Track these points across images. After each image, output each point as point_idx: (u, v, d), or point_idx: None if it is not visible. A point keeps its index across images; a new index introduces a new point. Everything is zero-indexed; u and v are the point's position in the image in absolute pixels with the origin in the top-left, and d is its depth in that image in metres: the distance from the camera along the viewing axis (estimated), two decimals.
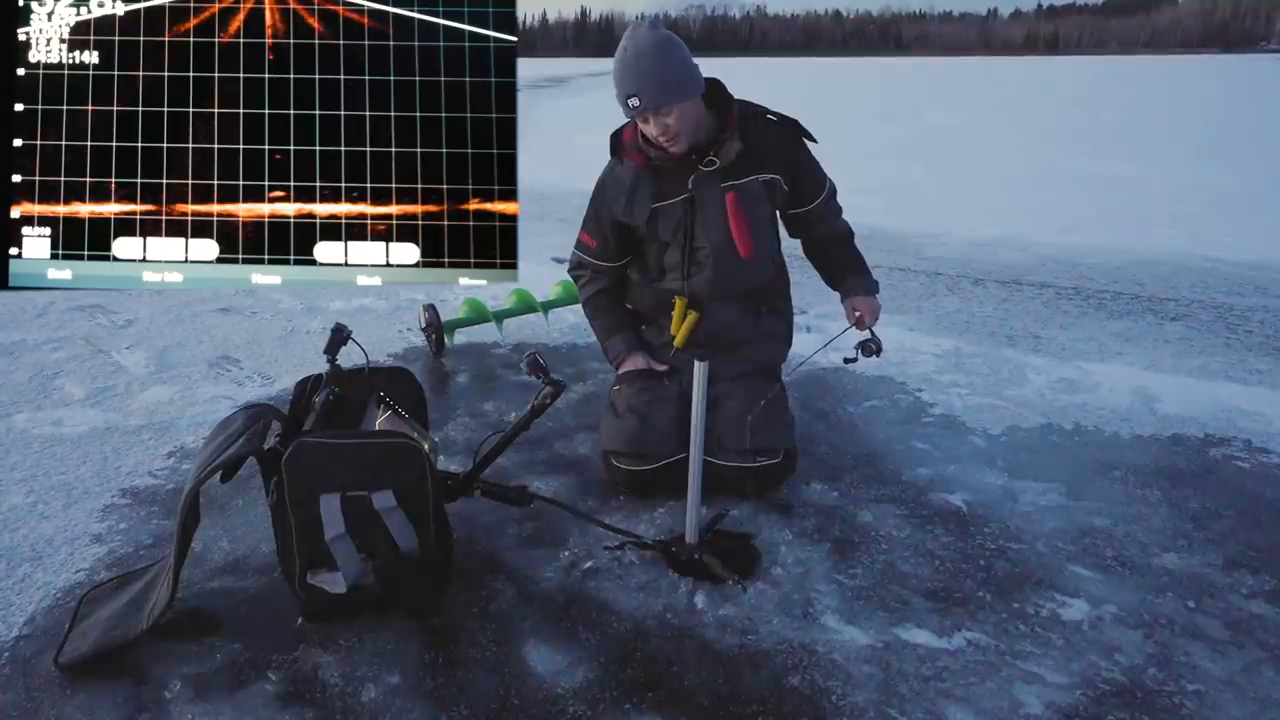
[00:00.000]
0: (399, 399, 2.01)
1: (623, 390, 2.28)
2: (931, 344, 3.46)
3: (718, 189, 2.15)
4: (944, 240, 5.53)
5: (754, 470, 2.16)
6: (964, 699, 1.54)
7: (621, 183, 2.22)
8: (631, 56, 2.01)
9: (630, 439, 2.17)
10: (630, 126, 2.20)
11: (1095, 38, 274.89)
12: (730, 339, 2.29)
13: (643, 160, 2.17)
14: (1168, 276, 4.58)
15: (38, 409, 2.79)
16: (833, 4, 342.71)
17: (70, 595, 1.81)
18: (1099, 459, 2.45)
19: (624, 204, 2.21)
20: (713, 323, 2.27)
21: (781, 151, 2.22)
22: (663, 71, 2.01)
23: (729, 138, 2.12)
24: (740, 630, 1.72)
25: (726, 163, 2.13)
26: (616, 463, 2.20)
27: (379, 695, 1.54)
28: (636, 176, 2.19)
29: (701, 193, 2.16)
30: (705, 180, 2.15)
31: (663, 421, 2.17)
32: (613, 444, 2.20)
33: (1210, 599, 1.81)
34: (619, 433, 2.19)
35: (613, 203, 2.24)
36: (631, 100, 2.01)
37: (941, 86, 29.30)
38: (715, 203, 2.16)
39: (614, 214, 2.24)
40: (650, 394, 2.23)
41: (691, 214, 2.19)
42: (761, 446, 2.15)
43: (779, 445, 2.18)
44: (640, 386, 2.25)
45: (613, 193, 2.24)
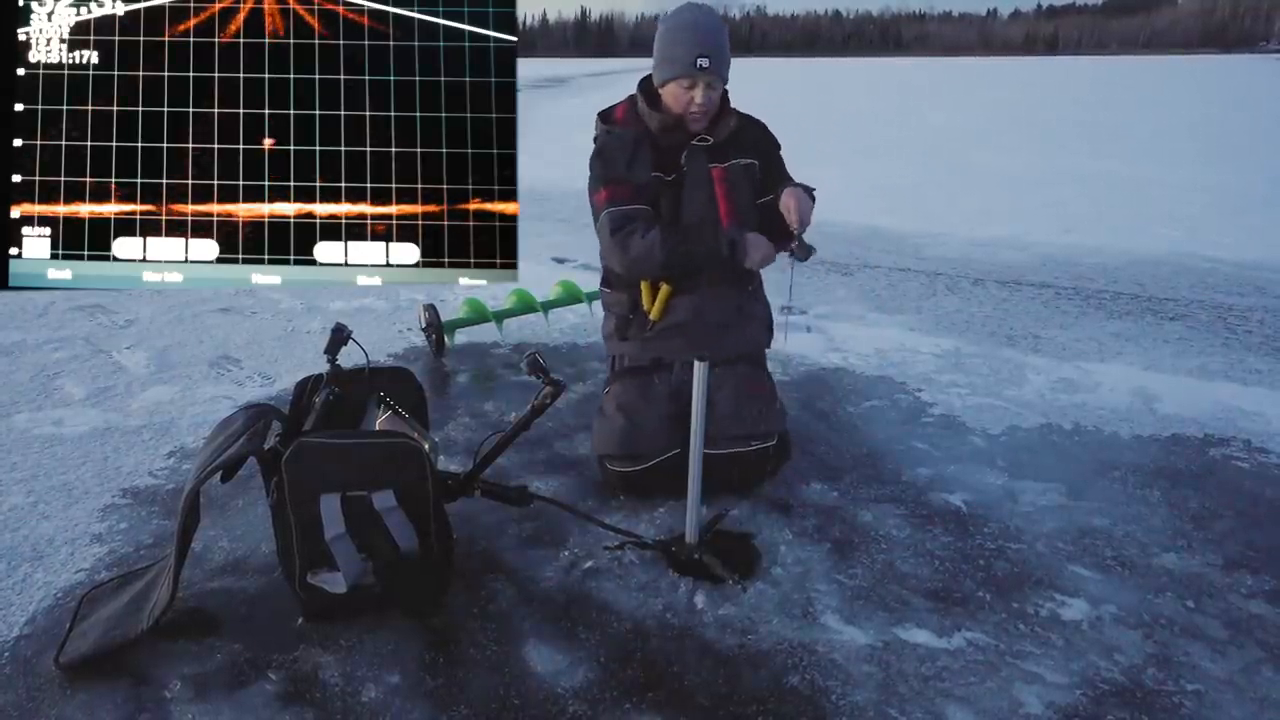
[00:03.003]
0: (399, 399, 2.01)
1: (611, 391, 2.28)
2: (931, 344, 3.46)
3: (705, 166, 2.21)
4: (944, 240, 5.53)
5: (749, 455, 2.17)
6: (964, 699, 1.54)
7: (624, 141, 2.21)
8: (705, 24, 2.13)
9: (620, 440, 2.17)
10: (623, 105, 2.27)
11: (1095, 38, 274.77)
12: (716, 318, 2.25)
13: (642, 128, 2.22)
14: (1167, 276, 4.58)
15: (38, 409, 2.79)
16: (833, 4, 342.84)
17: (70, 595, 1.81)
18: (1099, 459, 2.45)
19: (625, 163, 2.19)
20: (699, 300, 2.24)
21: (760, 141, 2.31)
22: (726, 46, 2.15)
23: (726, 117, 2.23)
24: (740, 630, 1.72)
25: (718, 141, 2.22)
26: (609, 465, 2.20)
27: (379, 695, 1.54)
28: (636, 140, 2.21)
29: (692, 167, 2.21)
30: (695, 155, 2.21)
31: (651, 420, 2.17)
32: (603, 447, 2.21)
33: (1210, 599, 1.82)
34: (609, 435, 2.19)
35: (618, 158, 2.20)
36: (701, 60, 2.08)
37: (941, 86, 29.30)
38: (703, 178, 2.21)
39: (619, 170, 2.20)
40: (638, 393, 2.23)
41: (679, 189, 2.21)
42: (755, 431, 2.17)
43: (773, 429, 2.21)
44: (628, 385, 2.25)
45: (616, 149, 2.21)
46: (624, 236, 2.13)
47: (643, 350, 2.29)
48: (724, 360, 2.21)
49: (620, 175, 2.17)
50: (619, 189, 2.16)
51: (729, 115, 2.24)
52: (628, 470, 2.17)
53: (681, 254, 2.11)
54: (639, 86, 2.27)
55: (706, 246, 2.12)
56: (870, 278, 4.62)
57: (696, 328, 2.23)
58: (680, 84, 2.13)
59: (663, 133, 2.20)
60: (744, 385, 2.22)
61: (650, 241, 2.10)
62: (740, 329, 2.31)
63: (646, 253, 2.11)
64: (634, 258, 2.13)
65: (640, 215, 2.15)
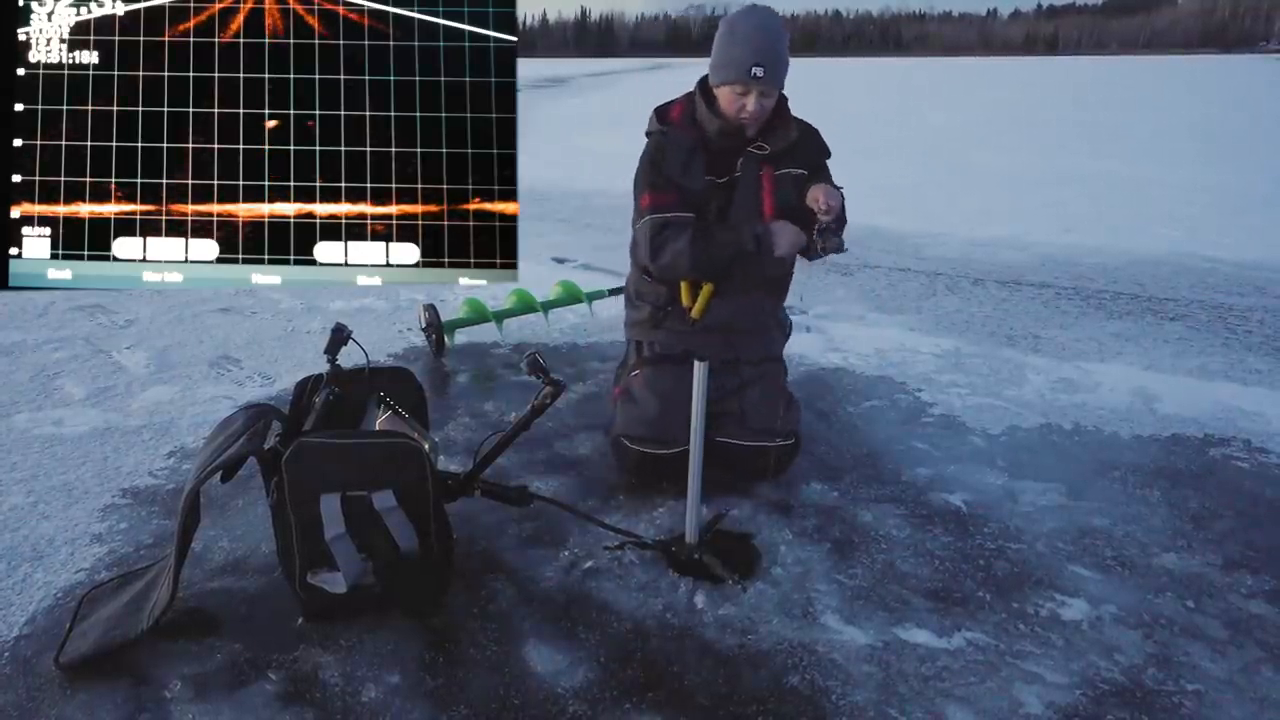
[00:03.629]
0: (399, 399, 2.01)
1: (641, 375, 2.29)
2: (931, 344, 3.46)
3: (758, 174, 2.20)
4: (944, 240, 5.53)
5: (775, 450, 2.23)
6: (964, 699, 1.54)
7: (680, 146, 2.19)
8: (764, 30, 2.08)
9: (653, 422, 2.19)
10: (680, 103, 2.25)
11: (1095, 38, 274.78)
12: (751, 322, 2.32)
13: (696, 134, 2.20)
14: (1167, 276, 4.58)
15: (38, 409, 2.79)
16: (833, 4, 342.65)
17: (70, 595, 1.81)
18: (1099, 459, 2.45)
19: (680, 167, 2.18)
20: (737, 304, 2.27)
21: (812, 152, 2.28)
22: (784, 53, 2.11)
23: (783, 127, 2.20)
24: (740, 630, 1.72)
25: (776, 150, 2.19)
26: (631, 445, 2.21)
27: (379, 695, 1.54)
28: (692, 146, 2.19)
29: (745, 173, 2.20)
30: (750, 162, 2.20)
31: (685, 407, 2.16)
32: (632, 429, 2.21)
33: (1210, 599, 1.82)
34: (640, 417, 2.21)
35: (672, 163, 2.18)
36: (757, 69, 2.06)
37: (941, 86, 29.30)
38: (754, 185, 2.20)
39: (672, 174, 2.19)
40: (673, 379, 2.22)
41: (730, 193, 2.21)
42: (784, 428, 2.24)
43: (793, 427, 2.29)
44: (662, 371, 2.27)
45: (672, 155, 2.19)
46: (660, 243, 2.16)
47: (676, 341, 2.31)
48: (750, 361, 2.30)
49: (668, 181, 2.17)
50: (665, 195, 2.17)
51: (789, 125, 2.21)
52: (656, 453, 2.19)
53: (707, 258, 2.13)
54: (698, 85, 2.24)
55: (732, 244, 2.13)
56: (870, 278, 4.62)
57: (730, 329, 2.28)
58: (734, 89, 2.11)
59: (721, 138, 2.19)
60: (772, 384, 2.30)
61: (681, 246, 2.13)
62: (769, 333, 2.38)
63: (676, 258, 2.15)
64: (665, 264, 2.17)
65: (679, 223, 2.16)
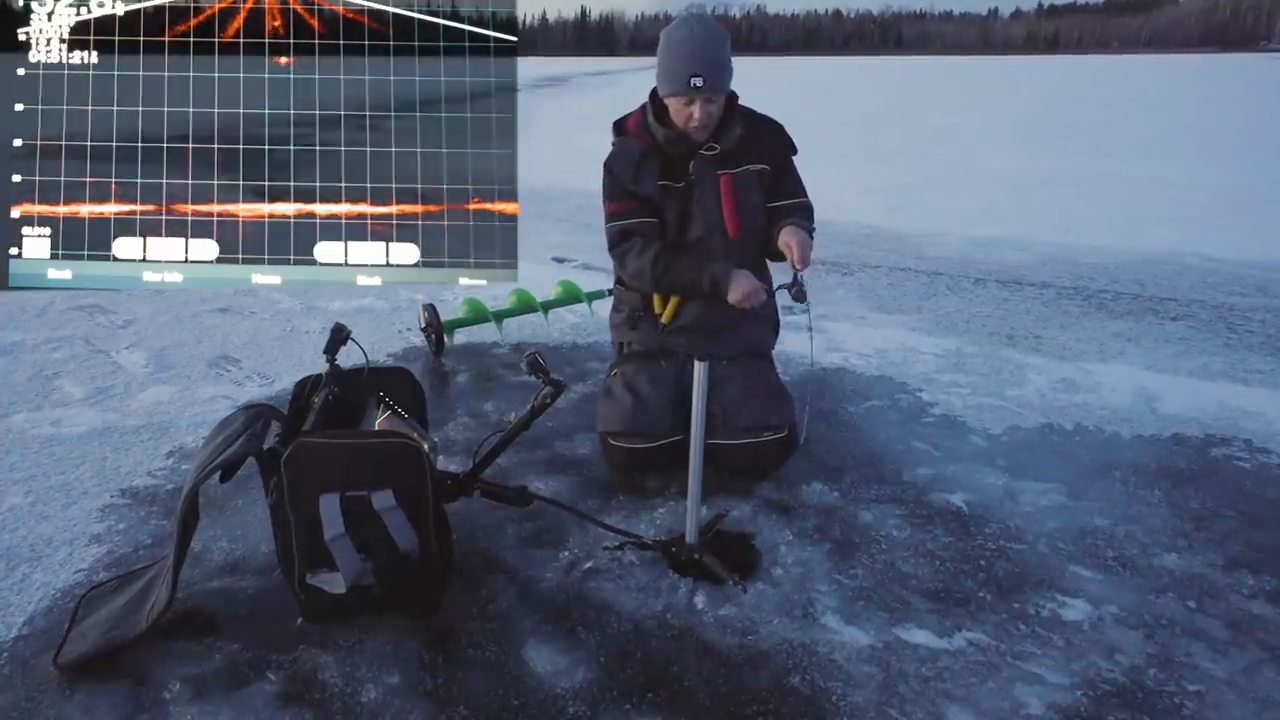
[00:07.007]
0: (399, 399, 2.01)
1: (619, 373, 2.35)
2: (932, 344, 3.46)
3: (714, 174, 2.24)
4: (944, 240, 5.53)
5: (761, 446, 2.23)
6: (964, 699, 1.54)
7: (631, 155, 2.26)
8: (699, 40, 2.12)
9: (626, 417, 2.24)
10: (635, 114, 2.30)
11: (1095, 37, 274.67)
12: (719, 320, 2.34)
13: (650, 141, 2.25)
14: (1168, 276, 4.58)
15: (37, 409, 2.79)
16: (833, 4, 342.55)
17: (69, 595, 1.81)
18: (1099, 459, 2.45)
19: (631, 174, 2.25)
20: (707, 305, 2.31)
21: (771, 147, 2.32)
22: (722, 58, 2.15)
23: (732, 125, 2.23)
24: (740, 630, 1.72)
25: (726, 149, 2.23)
26: (614, 442, 2.27)
27: (379, 695, 1.54)
28: (644, 153, 2.25)
29: (700, 176, 2.24)
30: (704, 164, 2.24)
31: (659, 401, 2.25)
32: (609, 424, 2.28)
33: (1211, 599, 1.81)
34: (615, 412, 2.27)
35: (622, 172, 2.26)
36: (695, 80, 2.09)
37: (942, 86, 29.30)
38: (711, 186, 2.25)
39: (624, 183, 2.27)
40: (646, 375, 2.31)
41: (689, 197, 2.26)
42: (767, 423, 2.23)
43: (784, 420, 2.27)
44: (637, 367, 2.34)
45: (622, 163, 2.27)
46: (622, 253, 2.28)
47: (651, 341, 2.38)
48: (728, 356, 2.32)
49: (622, 189, 2.25)
50: (622, 203, 2.27)
51: (735, 123, 2.25)
52: (633, 447, 2.24)
53: (667, 282, 2.25)
54: (650, 96, 2.30)
55: (689, 280, 2.21)
56: (870, 278, 4.62)
57: (700, 328, 2.33)
58: (679, 100, 2.17)
59: (669, 145, 2.24)
60: (750, 378, 2.30)
61: (643, 264, 2.23)
62: (742, 328, 2.38)
63: (639, 273, 2.25)
64: (631, 274, 2.29)
65: (641, 229, 2.27)
